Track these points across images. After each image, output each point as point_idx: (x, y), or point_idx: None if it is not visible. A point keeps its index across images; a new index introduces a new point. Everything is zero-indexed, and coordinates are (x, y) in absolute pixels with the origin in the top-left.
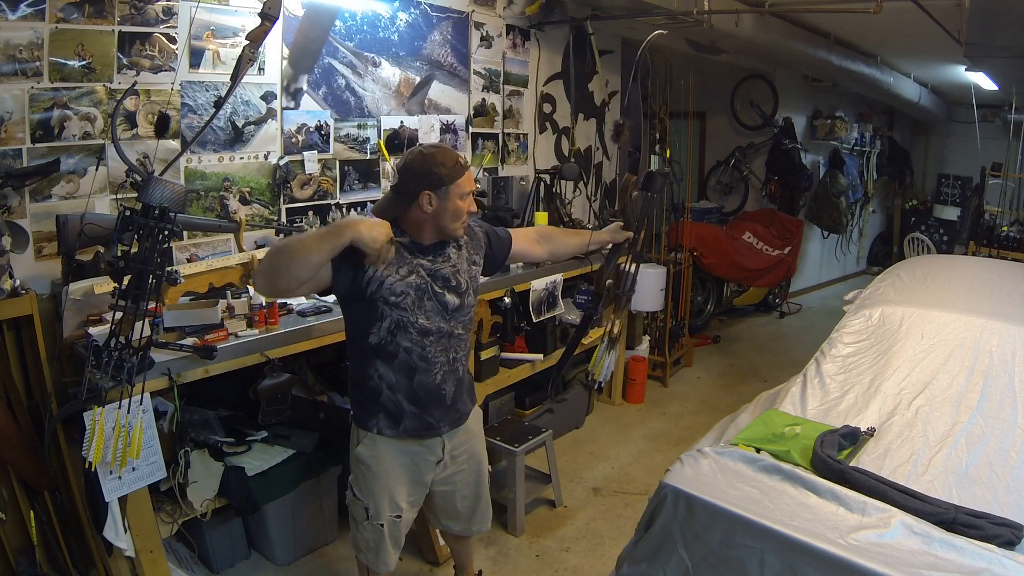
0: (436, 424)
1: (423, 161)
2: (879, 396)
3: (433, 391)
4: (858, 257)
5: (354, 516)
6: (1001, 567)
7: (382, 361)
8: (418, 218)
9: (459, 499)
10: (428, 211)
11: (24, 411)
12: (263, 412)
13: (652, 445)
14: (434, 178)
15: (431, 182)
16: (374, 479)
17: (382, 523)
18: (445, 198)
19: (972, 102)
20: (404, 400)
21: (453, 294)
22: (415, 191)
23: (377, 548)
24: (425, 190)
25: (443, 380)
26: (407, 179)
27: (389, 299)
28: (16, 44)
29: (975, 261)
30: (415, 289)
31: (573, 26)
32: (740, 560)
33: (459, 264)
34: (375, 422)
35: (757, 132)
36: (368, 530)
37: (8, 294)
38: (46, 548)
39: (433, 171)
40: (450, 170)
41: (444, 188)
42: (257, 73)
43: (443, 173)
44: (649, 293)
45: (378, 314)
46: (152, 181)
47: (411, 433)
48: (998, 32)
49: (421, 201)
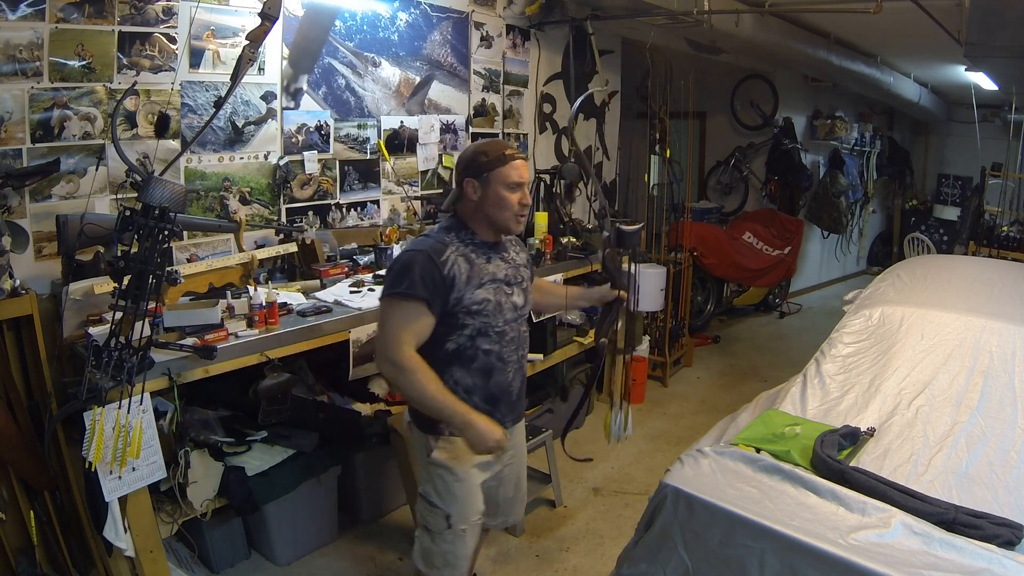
0: (503, 420)
1: (469, 151)
2: (879, 396)
3: (506, 389)
4: (858, 257)
5: (430, 528)
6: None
7: (459, 366)
8: (469, 208)
9: (502, 493)
10: (474, 199)
11: (24, 411)
12: (263, 412)
13: (652, 445)
14: (474, 166)
15: (472, 170)
16: (456, 481)
17: (464, 528)
18: (487, 185)
19: (972, 102)
20: (480, 401)
21: (519, 293)
22: (460, 180)
23: (456, 559)
24: (468, 178)
25: (514, 377)
26: (457, 169)
27: (472, 309)
28: (16, 44)
29: (975, 261)
30: (493, 294)
31: (573, 26)
32: (740, 560)
33: (519, 262)
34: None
35: (757, 132)
36: (448, 540)
37: (8, 294)
38: (46, 548)
39: (475, 159)
40: (491, 158)
41: (485, 176)
42: (257, 73)
43: (483, 161)
44: (649, 293)
45: (459, 324)
46: (152, 181)
47: None
48: (998, 32)
49: (466, 190)
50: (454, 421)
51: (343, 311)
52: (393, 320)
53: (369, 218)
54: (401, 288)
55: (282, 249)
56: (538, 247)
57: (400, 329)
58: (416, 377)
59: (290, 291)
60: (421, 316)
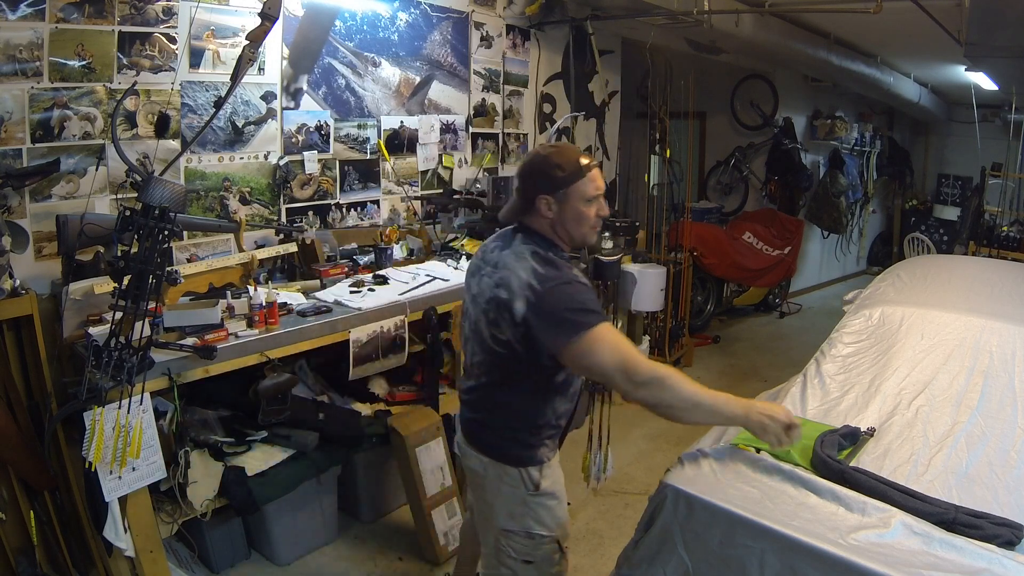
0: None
1: (539, 163)
2: (879, 396)
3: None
4: (858, 257)
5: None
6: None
7: (560, 396)
8: (543, 226)
9: None
10: (548, 216)
11: (24, 411)
12: (263, 412)
13: (652, 445)
14: (549, 181)
15: (547, 186)
16: (560, 504)
17: (567, 544)
18: (564, 202)
19: (972, 102)
20: (563, 422)
21: None
22: (532, 196)
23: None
24: (542, 195)
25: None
26: (525, 183)
27: None
28: (16, 44)
29: (975, 261)
30: None
31: (573, 26)
32: (740, 560)
33: None
34: (543, 451)
35: (757, 132)
36: (557, 563)
37: (8, 294)
38: (46, 548)
39: (549, 173)
40: (568, 172)
41: (562, 192)
42: (257, 73)
43: (559, 176)
44: (649, 293)
45: None
46: (152, 181)
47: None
48: (998, 32)
49: (539, 207)
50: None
51: (343, 311)
52: (613, 344)
53: (369, 218)
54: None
55: (282, 249)
56: None
57: (625, 347)
58: (678, 382)
59: (290, 291)
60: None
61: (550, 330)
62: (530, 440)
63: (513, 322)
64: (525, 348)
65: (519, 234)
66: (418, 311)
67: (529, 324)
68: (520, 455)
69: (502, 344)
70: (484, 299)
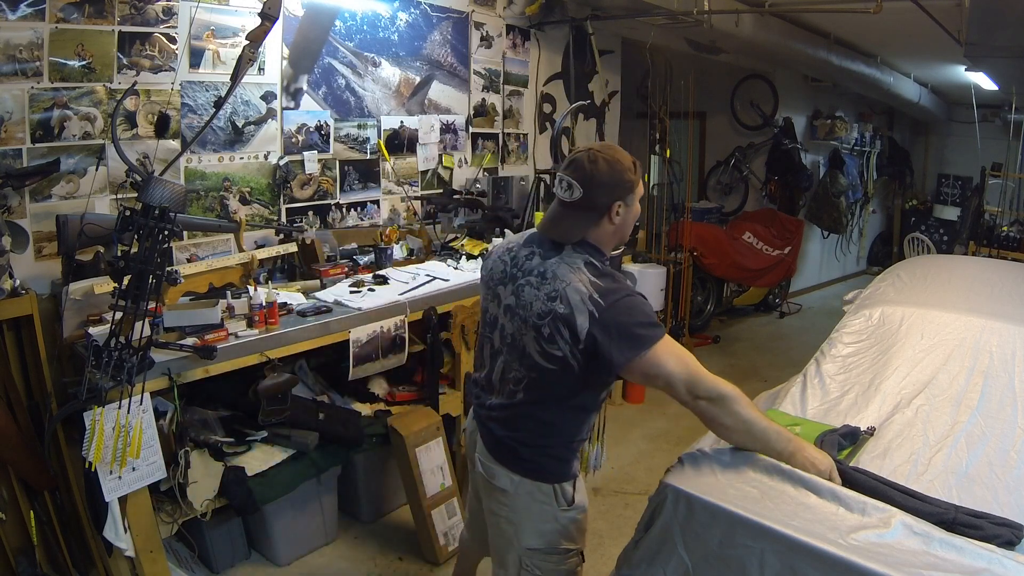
0: None
1: (611, 169)
2: (879, 396)
3: None
4: (858, 257)
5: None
6: (1001, 567)
7: (597, 411)
8: (605, 234)
9: None
10: (616, 222)
11: (24, 411)
12: (263, 412)
13: (652, 445)
14: (626, 185)
15: (622, 191)
16: (586, 516)
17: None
18: (632, 204)
19: (972, 102)
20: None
21: None
22: (607, 203)
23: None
24: (617, 201)
25: None
26: (598, 192)
27: None
28: (16, 44)
29: (975, 261)
30: None
31: (573, 26)
32: (740, 560)
33: None
34: (575, 464)
35: (757, 132)
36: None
37: (8, 294)
38: (46, 548)
39: (624, 177)
40: (636, 173)
41: (631, 196)
42: (257, 73)
43: (633, 179)
44: (649, 293)
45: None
46: (152, 181)
47: None
48: (998, 32)
49: (612, 214)
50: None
51: (343, 311)
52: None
53: (369, 218)
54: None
55: (282, 249)
56: None
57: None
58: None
59: (290, 291)
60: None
61: (619, 345)
62: (565, 455)
63: (575, 338)
64: (583, 364)
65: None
66: (418, 311)
67: (595, 339)
68: (556, 471)
69: (555, 360)
70: (534, 313)
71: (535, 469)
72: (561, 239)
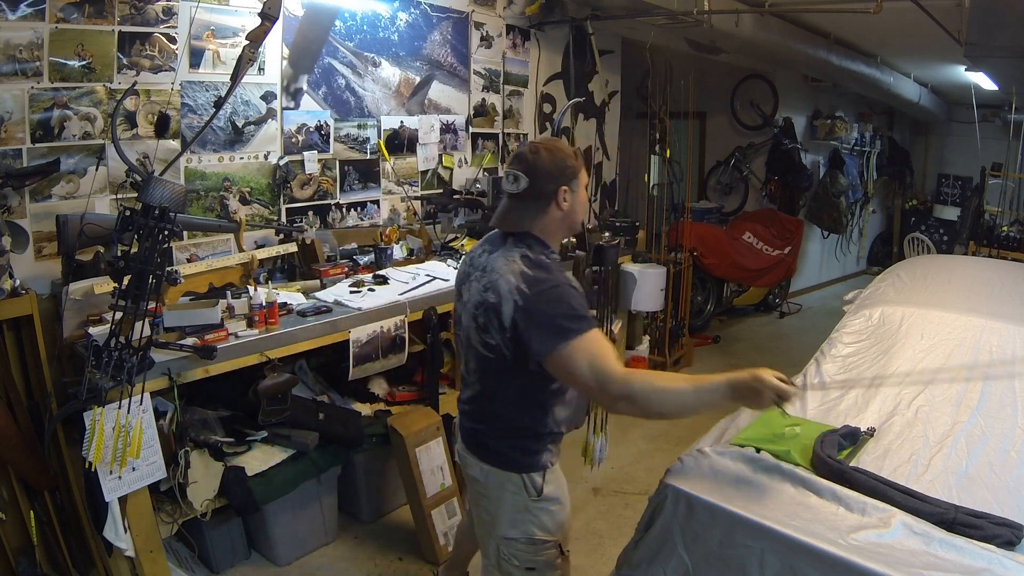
0: None
1: (553, 157)
2: (879, 396)
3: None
4: (858, 257)
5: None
6: (1001, 567)
7: (558, 403)
8: (553, 222)
9: None
10: (565, 208)
11: (24, 411)
12: (263, 412)
13: (652, 445)
14: (568, 172)
15: (567, 177)
16: (563, 509)
17: (569, 547)
18: (577, 190)
19: (972, 102)
20: (565, 429)
21: None
22: (553, 189)
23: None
24: (563, 186)
25: None
26: (543, 180)
27: None
28: (16, 44)
29: (975, 261)
30: None
31: (573, 26)
32: (740, 560)
33: None
34: (546, 457)
35: (757, 132)
36: (559, 567)
37: (8, 294)
38: (46, 548)
39: (566, 163)
40: (577, 159)
41: (575, 181)
42: (257, 73)
43: (575, 164)
44: (649, 293)
45: None
46: (152, 181)
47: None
48: (998, 32)
49: (559, 199)
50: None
51: (343, 311)
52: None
53: (369, 218)
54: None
55: (282, 249)
56: None
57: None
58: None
59: (290, 291)
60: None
61: (537, 335)
62: (532, 447)
63: (501, 326)
64: (513, 354)
65: (511, 236)
66: (418, 311)
67: (518, 327)
68: (522, 461)
69: (491, 350)
70: (473, 304)
71: (502, 460)
72: (511, 229)
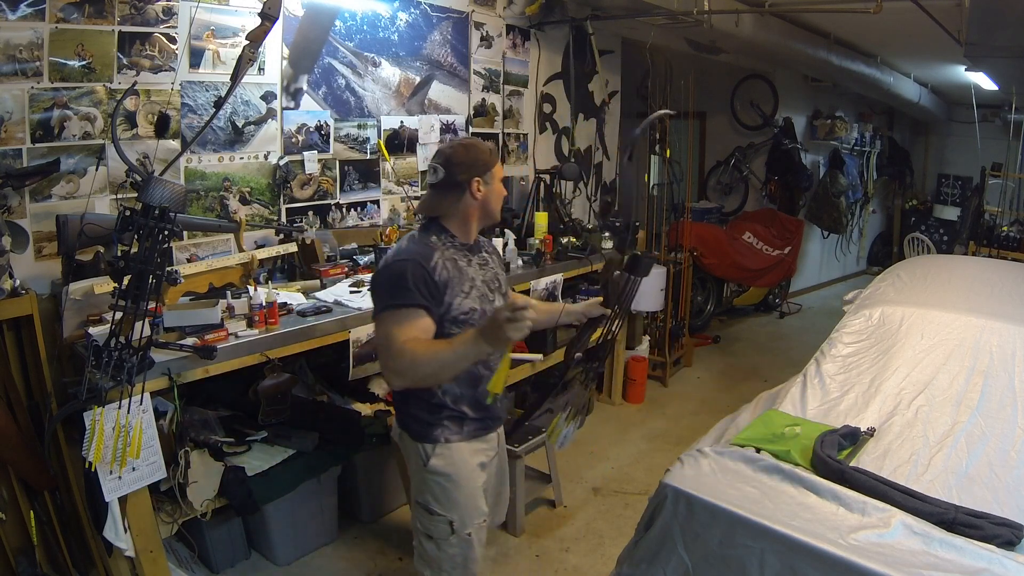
0: (492, 426)
1: (467, 151)
2: (879, 396)
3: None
4: (858, 257)
5: (433, 535)
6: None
7: None
8: (468, 209)
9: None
10: (479, 197)
11: (24, 411)
12: (263, 412)
13: (652, 445)
14: (480, 164)
15: (479, 168)
16: (456, 488)
17: (469, 532)
18: (491, 182)
19: (972, 102)
20: (467, 408)
21: (500, 298)
22: (466, 180)
23: (465, 561)
24: (475, 177)
25: None
26: (456, 171)
27: (459, 318)
28: (16, 44)
29: (975, 261)
30: (479, 303)
31: (573, 26)
32: (740, 560)
33: (495, 266)
34: (440, 431)
35: (757, 132)
36: (454, 545)
37: (8, 294)
38: (46, 548)
39: (479, 158)
40: (491, 156)
41: (489, 173)
42: (257, 73)
43: (486, 159)
44: (649, 293)
45: (445, 334)
46: (152, 181)
47: (473, 434)
48: (998, 32)
49: (472, 189)
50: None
51: (343, 311)
52: (392, 332)
53: (369, 218)
54: (398, 300)
55: (282, 249)
56: (538, 247)
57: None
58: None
59: (290, 291)
60: (420, 319)
61: (373, 298)
62: (427, 418)
63: None
64: None
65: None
66: None
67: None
68: (417, 430)
69: None
70: None
71: (406, 425)
72: (426, 214)
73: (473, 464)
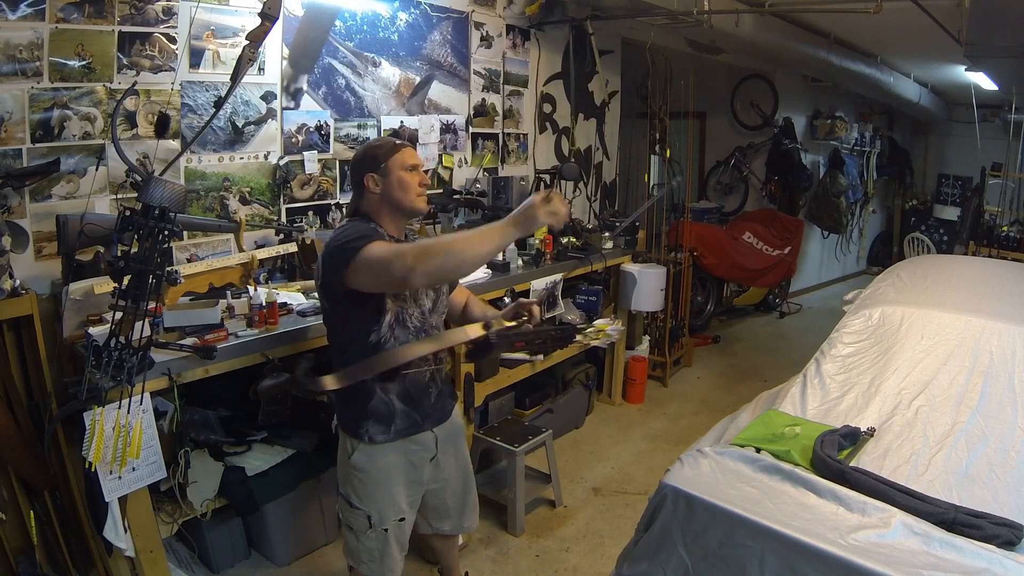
0: (422, 421)
1: (360, 151)
2: (879, 396)
3: (423, 388)
4: (858, 257)
5: (352, 527)
6: (1001, 567)
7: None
8: (373, 204)
9: (449, 495)
10: (376, 191)
11: (24, 411)
12: (263, 412)
13: (652, 445)
14: (371, 160)
15: (370, 164)
16: (374, 485)
17: (386, 528)
18: (387, 175)
19: (972, 102)
20: (396, 399)
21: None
22: (360, 178)
23: (382, 556)
24: (368, 173)
25: (431, 377)
26: (353, 172)
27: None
28: (16, 44)
29: (975, 261)
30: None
31: (573, 26)
32: (740, 560)
33: None
34: (364, 430)
35: (757, 132)
36: (371, 539)
37: (8, 294)
38: (46, 548)
39: (369, 153)
40: (385, 149)
41: (384, 166)
42: (257, 73)
43: (378, 153)
44: (649, 293)
45: (384, 307)
46: (152, 181)
47: (402, 433)
48: (998, 32)
49: (368, 185)
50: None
51: None
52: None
53: None
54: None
55: (282, 249)
56: (538, 247)
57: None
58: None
59: (290, 291)
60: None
61: (332, 262)
62: (352, 406)
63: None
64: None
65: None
66: None
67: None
68: (344, 423)
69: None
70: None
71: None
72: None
73: (396, 464)
